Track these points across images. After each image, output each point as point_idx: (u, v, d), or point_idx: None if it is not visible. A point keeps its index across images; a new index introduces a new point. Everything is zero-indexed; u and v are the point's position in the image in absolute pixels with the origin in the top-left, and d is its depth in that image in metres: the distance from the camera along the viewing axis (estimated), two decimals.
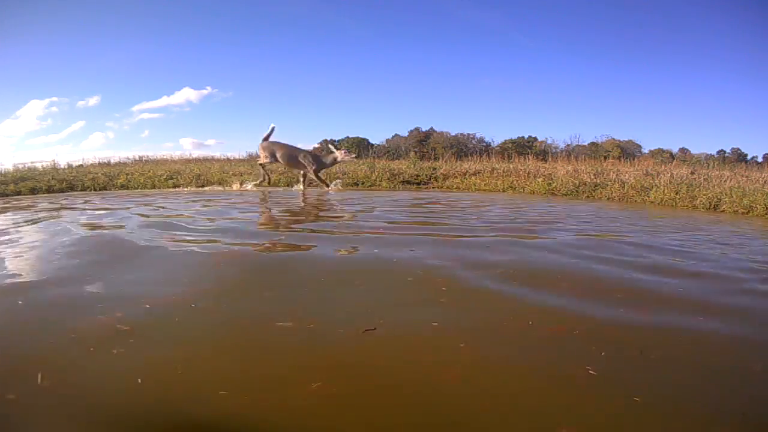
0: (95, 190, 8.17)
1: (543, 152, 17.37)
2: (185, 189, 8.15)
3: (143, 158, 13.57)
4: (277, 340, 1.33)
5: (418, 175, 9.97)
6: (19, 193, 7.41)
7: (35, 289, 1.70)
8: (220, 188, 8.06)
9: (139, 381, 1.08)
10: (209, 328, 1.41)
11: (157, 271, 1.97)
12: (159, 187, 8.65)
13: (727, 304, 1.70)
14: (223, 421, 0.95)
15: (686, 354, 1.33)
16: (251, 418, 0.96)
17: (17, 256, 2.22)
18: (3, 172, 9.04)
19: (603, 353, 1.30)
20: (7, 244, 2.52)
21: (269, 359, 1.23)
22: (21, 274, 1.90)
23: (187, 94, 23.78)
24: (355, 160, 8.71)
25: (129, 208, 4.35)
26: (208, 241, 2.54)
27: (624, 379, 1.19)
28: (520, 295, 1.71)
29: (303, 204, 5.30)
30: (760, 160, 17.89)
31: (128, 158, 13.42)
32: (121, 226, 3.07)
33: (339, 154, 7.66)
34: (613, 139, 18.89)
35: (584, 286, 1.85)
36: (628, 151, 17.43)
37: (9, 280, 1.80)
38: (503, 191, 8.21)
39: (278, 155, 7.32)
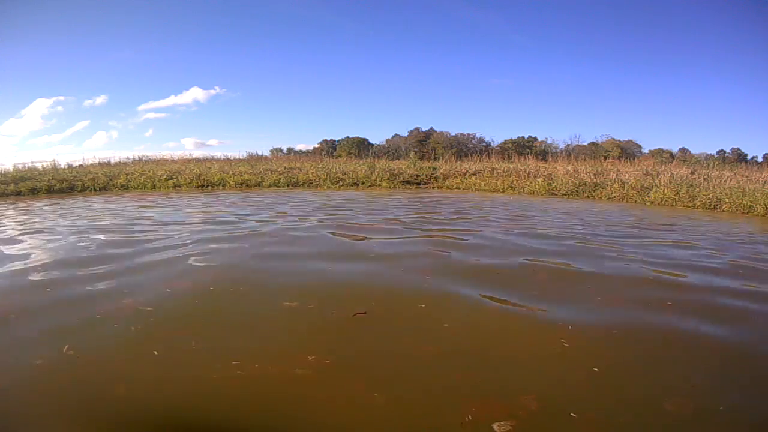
0: (95, 190, 8.16)
1: (543, 152, 17.37)
2: None
3: (143, 158, 13.58)
4: None
5: (418, 175, 9.96)
6: (19, 193, 7.40)
7: None
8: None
9: None
10: None
11: None
12: (159, 187, 8.64)
13: None
14: None
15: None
16: None
17: None
18: (3, 172, 9.01)
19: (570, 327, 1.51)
20: None
21: None
22: None
23: (195, 94, 23.80)
24: None
25: None
26: None
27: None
28: None
29: None
30: (760, 160, 17.88)
31: (128, 158, 13.44)
32: None
33: None
34: (613, 139, 18.89)
35: None
36: (628, 151, 17.42)
37: None
38: (503, 191, 8.20)
39: None
